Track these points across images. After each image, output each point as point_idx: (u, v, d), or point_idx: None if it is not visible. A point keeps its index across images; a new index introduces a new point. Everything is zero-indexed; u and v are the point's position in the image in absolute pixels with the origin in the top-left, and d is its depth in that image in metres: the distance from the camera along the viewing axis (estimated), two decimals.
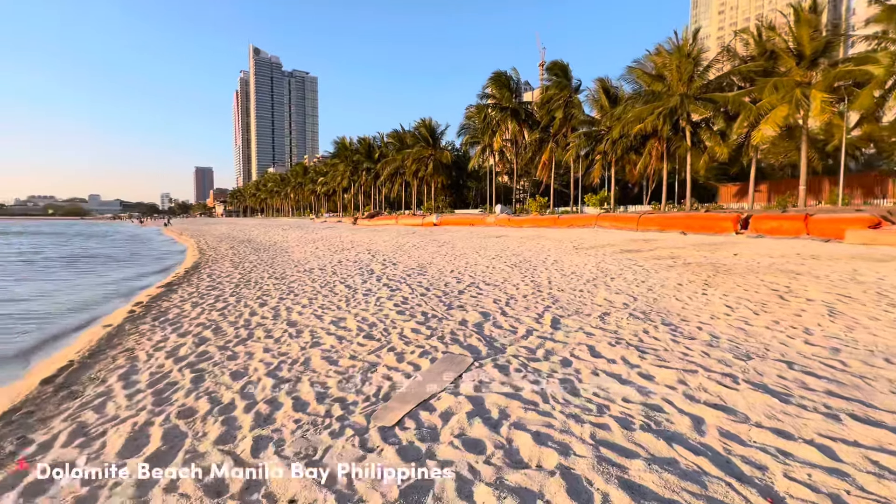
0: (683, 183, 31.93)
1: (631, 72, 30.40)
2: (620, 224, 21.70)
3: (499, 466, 2.38)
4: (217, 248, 20.21)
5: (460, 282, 8.33)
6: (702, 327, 4.86)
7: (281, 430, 2.93)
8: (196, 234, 34.93)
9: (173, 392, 3.70)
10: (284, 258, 13.93)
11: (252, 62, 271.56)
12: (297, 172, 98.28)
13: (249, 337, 5.15)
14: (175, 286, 9.39)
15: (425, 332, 4.99)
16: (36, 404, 3.77)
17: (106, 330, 6.06)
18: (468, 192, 59.88)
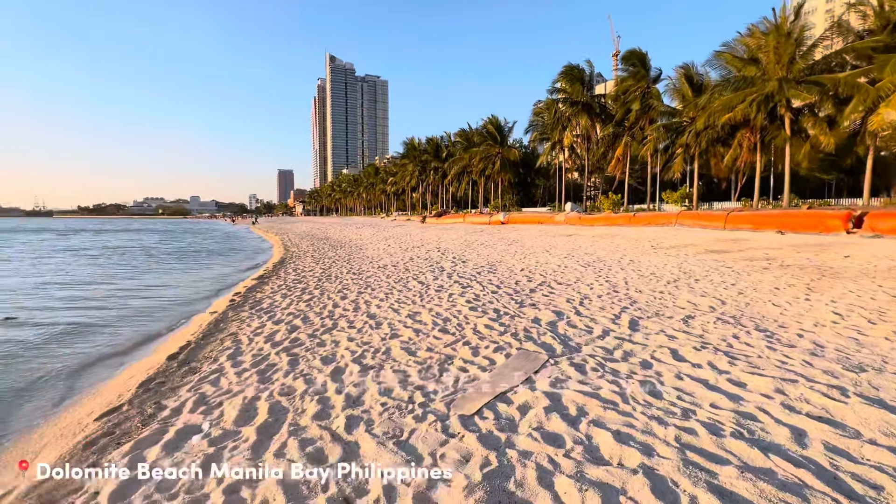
0: (780, 177, 28.72)
1: (719, 57, 27.88)
2: (705, 222, 20.09)
3: (579, 461, 2.42)
4: (299, 244, 21.84)
5: (531, 280, 8.29)
6: (803, 335, 4.43)
7: (369, 411, 3.19)
8: (279, 232, 37.96)
9: (273, 372, 4.15)
10: (360, 255, 14.72)
11: (328, 70, 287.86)
12: (368, 173, 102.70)
13: (334, 327, 5.58)
14: (266, 279, 10.35)
15: (498, 328, 5.08)
16: (165, 376, 4.42)
17: (213, 316, 6.87)
18: (536, 189, 58.73)
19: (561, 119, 40.35)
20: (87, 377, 5.03)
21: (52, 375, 5.07)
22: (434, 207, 64.66)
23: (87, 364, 5.47)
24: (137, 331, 7.02)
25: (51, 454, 3.11)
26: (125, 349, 6.05)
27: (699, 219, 20.73)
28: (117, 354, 5.82)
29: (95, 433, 3.27)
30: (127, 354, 5.80)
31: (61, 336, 6.64)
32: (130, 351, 5.96)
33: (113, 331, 7.01)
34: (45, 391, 4.68)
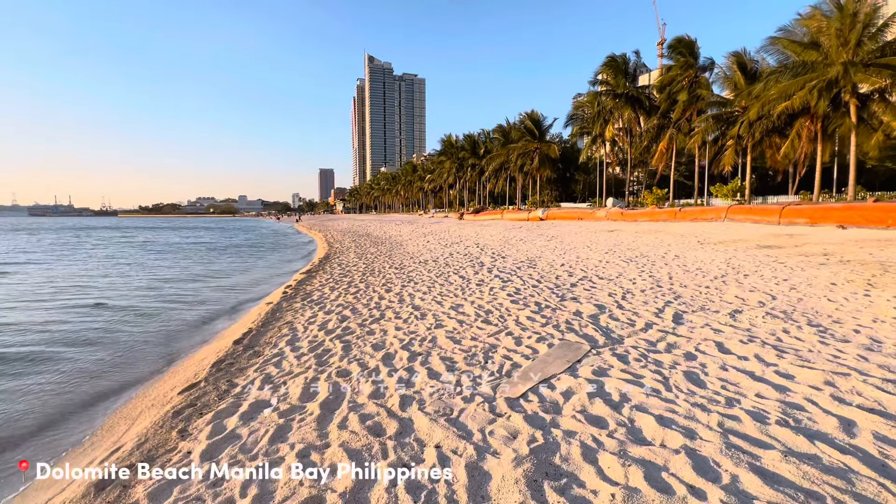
0: (844, 168, 26.71)
1: (774, 42, 26.22)
2: (757, 216, 19.10)
3: (622, 441, 2.55)
4: (342, 241, 22.64)
5: (572, 275, 8.32)
6: (860, 330, 4.29)
7: (420, 392, 3.44)
8: (322, 229, 39.36)
9: (329, 357, 4.49)
10: (400, 251, 15.13)
11: (367, 70, 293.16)
12: (406, 171, 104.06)
13: (381, 317, 5.89)
14: (314, 273, 10.91)
15: (540, 320, 5.22)
16: (233, 359, 4.86)
17: (269, 306, 7.39)
18: (575, 185, 57.52)
19: (603, 112, 39.28)
20: (164, 357, 5.62)
21: (135, 354, 5.71)
22: (472, 204, 64.72)
23: (164, 345, 6.10)
24: (205, 317, 7.69)
25: (147, 420, 3.58)
26: (195, 333, 6.67)
27: (751, 213, 19.72)
28: (189, 338, 6.44)
29: (180, 405, 3.71)
30: (195, 339, 6.39)
31: (142, 320, 7.40)
32: (198, 336, 6.56)
33: (183, 316, 7.71)
34: (131, 367, 5.28)
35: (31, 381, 4.88)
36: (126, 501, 2.39)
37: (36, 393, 4.59)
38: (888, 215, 14.29)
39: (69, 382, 4.86)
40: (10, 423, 3.99)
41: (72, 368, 5.26)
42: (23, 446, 3.62)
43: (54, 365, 5.36)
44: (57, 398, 4.48)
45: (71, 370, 5.21)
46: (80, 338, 6.43)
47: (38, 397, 4.49)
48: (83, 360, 5.53)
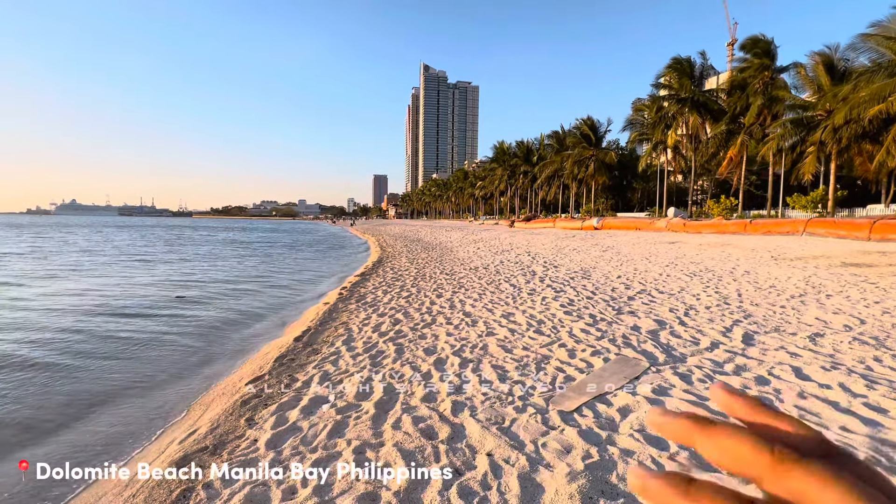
0: None
1: (866, 39, 23.82)
2: (843, 231, 17.33)
3: (684, 465, 2.43)
4: (393, 245, 23.21)
5: (629, 288, 7.99)
6: None
7: (472, 399, 3.46)
8: (375, 234, 40.57)
9: (383, 358, 4.63)
10: (451, 257, 15.27)
11: (422, 78, 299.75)
12: (457, 178, 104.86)
13: (433, 322, 5.99)
14: (367, 276, 11.27)
15: (595, 332, 5.07)
16: (294, 354, 5.14)
17: (326, 306, 7.73)
18: (633, 193, 55.18)
19: (665, 117, 37.49)
20: (233, 350, 6.06)
21: (211, 345, 6.21)
22: (523, 212, 63.98)
23: (234, 339, 6.57)
24: (270, 313, 8.22)
25: (217, 408, 3.87)
26: (262, 328, 7.15)
27: (835, 227, 17.93)
28: (255, 332, 6.90)
29: (247, 395, 3.98)
30: (260, 334, 6.83)
31: (217, 313, 8.04)
32: (266, 330, 7.01)
33: (251, 311, 8.27)
34: (208, 357, 5.75)
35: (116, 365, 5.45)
36: (201, 481, 2.61)
37: (120, 377, 5.12)
38: None
39: (169, 362, 5.38)
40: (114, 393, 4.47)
41: (163, 354, 5.82)
42: (127, 407, 4.05)
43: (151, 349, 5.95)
44: (148, 380, 4.96)
45: (162, 356, 5.76)
46: (173, 328, 7.09)
47: (124, 382, 5.00)
48: (175, 345, 6.09)
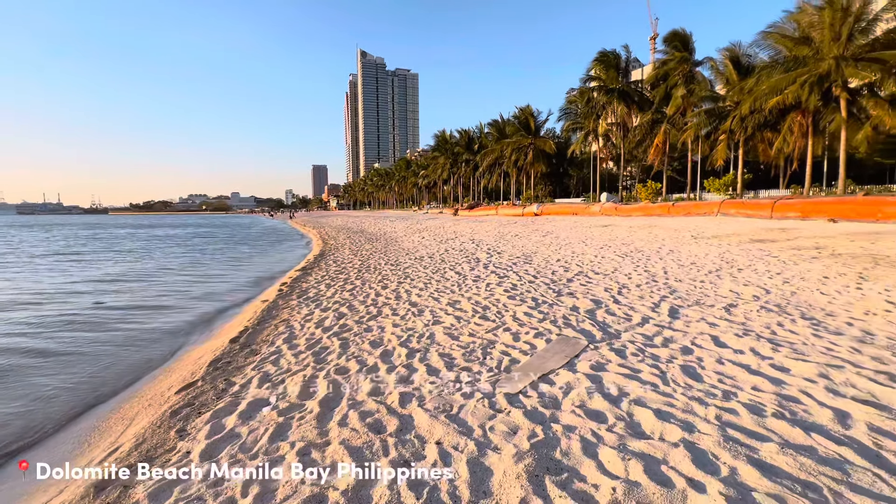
0: (835, 162, 26.99)
1: (766, 37, 26.35)
2: (750, 211, 19.28)
3: (621, 435, 2.57)
4: (336, 237, 22.56)
5: (568, 270, 8.35)
6: (853, 323, 4.35)
7: (420, 389, 3.44)
8: (316, 226, 39.19)
9: (327, 354, 4.48)
10: (396, 247, 15.11)
11: (359, 65, 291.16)
12: (400, 167, 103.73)
13: (379, 314, 5.89)
14: (309, 270, 10.86)
15: (537, 315, 5.24)
16: (230, 357, 4.84)
17: (265, 304, 7.35)
18: (569, 180, 57.68)
19: (595, 107, 39.35)
20: (160, 356, 5.58)
21: (132, 353, 5.67)
22: (466, 200, 64.70)
23: (161, 344, 6.05)
24: (200, 315, 7.65)
25: (144, 420, 3.55)
26: (191, 332, 6.63)
27: (744, 207, 19.91)
28: (186, 336, 6.40)
29: (178, 404, 3.69)
30: (191, 337, 6.35)
31: (137, 319, 7.34)
32: (194, 334, 6.52)
33: (179, 316, 7.65)
34: (128, 367, 5.24)
35: (22, 383, 4.84)
36: (126, 502, 2.38)
37: (25, 396, 4.55)
38: (877, 209, 14.48)
39: (61, 384, 4.82)
40: (6, 423, 3.95)
41: (64, 370, 5.22)
42: (20, 447, 3.59)
43: (46, 365, 5.31)
44: (51, 400, 4.44)
45: (63, 371, 5.17)
46: (75, 337, 6.37)
47: (30, 398, 4.45)
48: (78, 360, 5.48)
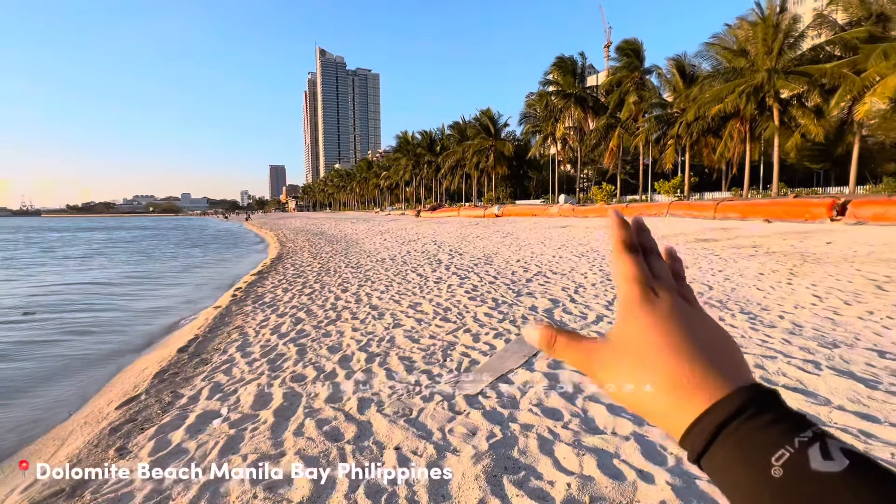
0: (770, 167, 29.16)
1: (709, 48, 28.17)
2: (695, 212, 20.46)
3: (576, 431, 2.65)
4: (295, 240, 21.92)
5: (527, 271, 8.53)
6: (784, 316, 4.71)
7: (379, 394, 3.40)
8: (274, 228, 37.92)
9: (283, 361, 4.33)
10: (357, 249, 14.88)
11: (318, 63, 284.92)
12: (361, 168, 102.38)
13: (338, 318, 5.77)
14: (265, 274, 10.50)
15: (497, 315, 5.31)
16: (178, 367, 4.59)
17: (217, 310, 7.03)
18: (529, 182, 59.01)
19: (553, 111, 40.52)
20: (100, 369, 5.20)
21: (67, 367, 5.24)
22: (428, 201, 64.72)
23: (100, 357, 5.64)
24: (146, 324, 7.19)
25: (78, 440, 3.29)
26: (135, 342, 6.22)
27: (690, 208, 21.11)
28: (128, 347, 5.99)
29: (118, 420, 3.45)
30: (137, 347, 5.96)
31: (74, 330, 6.79)
32: (140, 344, 6.13)
33: (122, 325, 7.17)
34: (62, 383, 4.84)
35: None
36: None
37: None
38: (806, 210, 15.78)
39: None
40: None
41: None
42: None
43: None
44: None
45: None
46: None
47: None
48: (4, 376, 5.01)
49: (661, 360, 0.30)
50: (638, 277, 0.33)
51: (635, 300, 0.33)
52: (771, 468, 0.24)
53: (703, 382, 0.28)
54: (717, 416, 0.27)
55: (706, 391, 0.28)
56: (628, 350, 0.32)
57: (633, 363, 0.31)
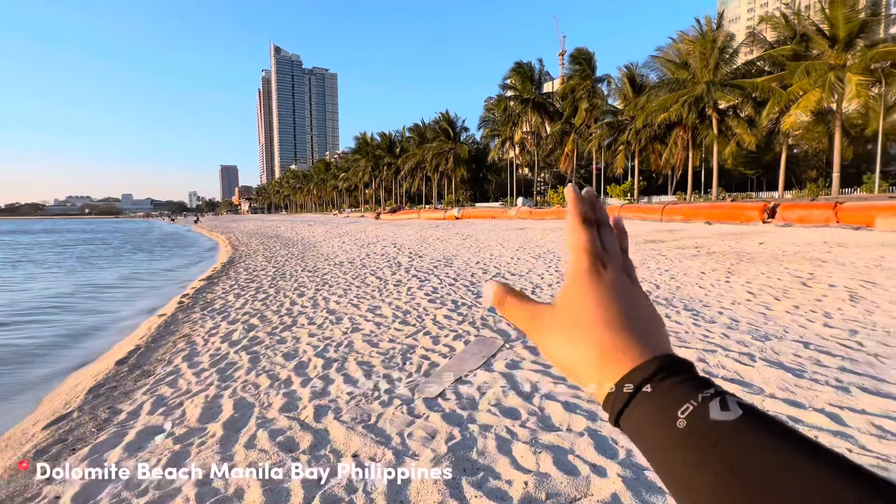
0: (711, 172, 31.22)
1: (655, 60, 29.84)
2: (644, 215, 21.54)
3: (533, 429, 2.70)
4: (248, 243, 21.06)
5: (486, 272, 8.63)
6: (723, 312, 5.04)
7: (336, 400, 3.32)
8: (225, 231, 36.25)
9: (234, 370, 4.14)
10: (314, 252, 14.49)
11: (273, 61, 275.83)
12: (319, 169, 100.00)
13: (294, 324, 5.59)
14: (216, 279, 10.01)
15: (457, 318, 5.33)
16: (116, 381, 4.28)
17: (162, 319, 6.62)
18: (488, 185, 59.89)
19: (512, 116, 41.38)
20: (26, 386, 4.75)
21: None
22: (388, 203, 64.18)
23: (26, 372, 5.15)
24: (80, 338, 6.64)
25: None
26: (67, 357, 5.73)
27: (639, 211, 22.19)
28: (59, 362, 5.51)
29: (45, 441, 3.17)
30: (70, 362, 5.49)
31: (4, 340, 6.15)
32: (73, 358, 5.65)
33: (53, 338, 6.58)
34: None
35: None
36: None
37: None
38: (741, 213, 17.01)
39: None
40: None
41: None
42: None
43: None
44: None
45: None
46: None
47: None
48: None
49: (595, 328, 0.33)
50: (589, 249, 0.36)
51: (584, 270, 0.35)
52: (677, 420, 0.27)
53: (627, 350, 0.31)
54: (635, 378, 0.30)
55: (628, 357, 0.31)
56: (568, 315, 0.34)
57: (570, 327, 0.34)
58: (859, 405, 2.73)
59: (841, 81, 22.31)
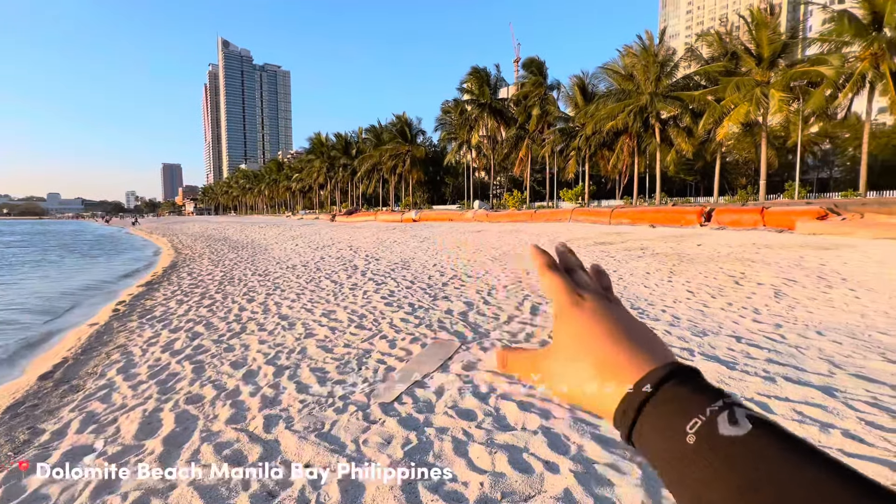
0: (654, 178, 33.12)
1: (604, 70, 31.31)
2: (594, 218, 22.48)
3: (489, 430, 2.73)
4: (193, 246, 19.92)
5: (443, 275, 8.66)
6: (665, 310, 5.35)
7: (288, 409, 3.19)
8: (167, 233, 34.09)
9: (176, 382, 3.89)
10: (265, 256, 13.94)
11: (221, 55, 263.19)
12: (270, 169, 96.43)
13: (243, 330, 5.34)
14: (156, 285, 9.39)
15: (413, 320, 5.31)
16: (38, 398, 3.90)
17: (94, 328, 6.13)
18: (445, 188, 60.23)
19: (468, 119, 41.89)
20: None
21: None
22: (344, 205, 62.94)
23: None
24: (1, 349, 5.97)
25: None
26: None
27: (590, 215, 23.12)
28: None
29: None
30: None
31: None
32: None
33: None
34: None
35: None
36: None
37: None
38: (681, 216, 18.15)
39: None
40: None
41: None
42: None
43: None
44: None
45: None
46: None
47: None
48: None
49: (591, 347, 0.33)
50: (562, 286, 0.38)
51: (565, 305, 0.37)
52: (686, 436, 0.26)
53: (629, 363, 0.31)
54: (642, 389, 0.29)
55: (632, 370, 0.31)
56: (564, 348, 0.35)
57: (568, 358, 0.34)
58: (783, 393, 2.98)
59: (766, 97, 24.45)
